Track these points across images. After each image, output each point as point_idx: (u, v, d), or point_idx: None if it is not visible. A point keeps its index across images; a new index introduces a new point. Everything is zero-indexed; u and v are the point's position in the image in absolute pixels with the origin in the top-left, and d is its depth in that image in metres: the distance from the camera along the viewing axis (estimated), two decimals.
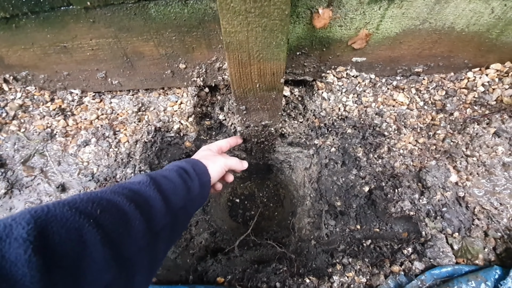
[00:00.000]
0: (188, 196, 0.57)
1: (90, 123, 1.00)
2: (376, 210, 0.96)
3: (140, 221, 0.42)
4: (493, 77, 0.93)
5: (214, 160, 0.73)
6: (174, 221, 0.51)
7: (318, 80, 0.96)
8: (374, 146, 0.96)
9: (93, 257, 0.33)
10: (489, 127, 0.90)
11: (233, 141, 0.94)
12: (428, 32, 0.81)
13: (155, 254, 0.45)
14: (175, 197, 0.52)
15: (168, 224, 0.48)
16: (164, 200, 0.49)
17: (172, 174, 0.57)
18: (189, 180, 0.59)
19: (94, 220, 0.35)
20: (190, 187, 0.58)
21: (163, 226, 0.47)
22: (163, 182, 0.53)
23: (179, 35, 0.79)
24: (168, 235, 0.49)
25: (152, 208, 0.46)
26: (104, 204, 0.39)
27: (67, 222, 0.33)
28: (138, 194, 0.46)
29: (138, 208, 0.43)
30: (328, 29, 0.78)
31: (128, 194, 0.44)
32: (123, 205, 0.42)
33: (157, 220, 0.46)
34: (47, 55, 0.87)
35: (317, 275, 0.84)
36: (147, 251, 0.42)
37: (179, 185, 0.55)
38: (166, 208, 0.48)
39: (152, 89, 1.02)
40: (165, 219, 0.47)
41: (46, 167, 0.97)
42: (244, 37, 0.61)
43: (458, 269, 0.79)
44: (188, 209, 0.57)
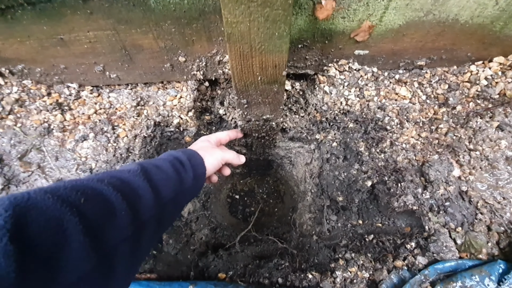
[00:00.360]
0: (180, 188, 0.55)
1: (88, 118, 0.99)
2: (379, 205, 0.95)
3: (125, 211, 0.41)
4: (496, 71, 0.92)
5: (211, 152, 0.72)
6: (162, 213, 0.49)
7: (320, 73, 0.94)
8: (376, 140, 0.95)
9: (73, 246, 0.32)
10: (492, 121, 0.90)
11: (233, 134, 0.93)
12: (432, 24, 0.79)
13: (139, 245, 0.44)
14: (166, 188, 0.51)
15: (156, 216, 0.47)
16: (154, 190, 0.48)
17: (165, 164, 0.56)
18: (183, 171, 0.58)
19: (77, 209, 0.34)
20: (183, 179, 0.57)
21: (150, 217, 0.46)
22: (154, 172, 0.51)
23: (179, 27, 0.77)
24: (155, 227, 0.48)
25: (140, 198, 0.45)
26: (88, 193, 0.38)
27: (47, 210, 0.32)
28: (126, 183, 0.45)
29: (125, 198, 0.41)
30: (331, 21, 0.77)
31: (116, 183, 0.43)
32: (109, 194, 0.40)
33: (144, 211, 0.44)
34: (43, 48, 0.86)
35: (319, 271, 0.84)
36: (131, 241, 0.41)
37: (171, 176, 0.54)
38: (155, 199, 0.47)
39: (151, 83, 1.00)
40: (152, 210, 0.46)
41: (43, 163, 0.96)
42: (246, 27, 0.60)
43: (461, 264, 0.78)
44: (179, 201, 0.56)
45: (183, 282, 0.83)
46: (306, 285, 0.81)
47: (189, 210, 1.21)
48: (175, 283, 0.83)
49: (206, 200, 1.40)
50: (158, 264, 0.91)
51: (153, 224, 0.47)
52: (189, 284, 0.82)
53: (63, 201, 0.34)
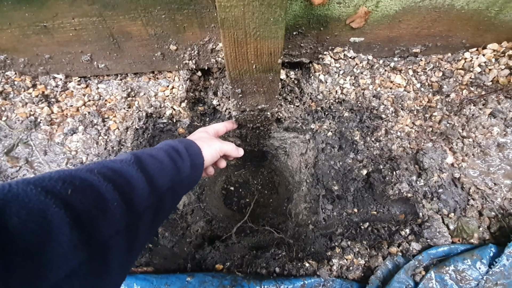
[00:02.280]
0: (178, 177, 0.54)
1: (77, 110, 0.95)
2: (374, 193, 0.96)
3: (118, 202, 0.39)
4: (490, 58, 0.92)
5: (209, 143, 0.70)
6: (159, 203, 0.48)
7: (315, 62, 0.93)
8: (372, 129, 0.95)
9: (59, 241, 0.30)
10: (485, 108, 0.91)
11: (229, 125, 0.91)
12: (428, 10, 0.78)
13: (135, 237, 0.42)
14: (162, 177, 0.49)
15: (152, 206, 0.46)
16: (148, 180, 0.46)
17: (161, 153, 0.54)
18: (180, 160, 0.56)
19: (63, 201, 0.32)
20: (180, 168, 0.55)
21: (146, 207, 0.44)
22: (149, 161, 0.50)
23: (169, 12, 0.74)
24: (152, 217, 0.46)
25: (134, 188, 0.43)
26: (76, 184, 0.36)
27: (29, 203, 0.30)
28: (118, 173, 0.43)
29: (117, 188, 0.40)
30: (326, 7, 0.75)
31: (107, 173, 0.41)
32: (99, 185, 0.38)
33: (139, 202, 0.43)
34: (26, 36, 0.81)
35: (316, 259, 0.84)
36: (126, 234, 0.39)
37: (167, 165, 0.52)
38: (150, 189, 0.45)
39: (141, 73, 0.97)
40: (148, 200, 0.45)
41: (31, 157, 0.92)
42: (240, 12, 0.57)
43: (454, 248, 0.80)
44: (177, 190, 0.54)
45: (181, 275, 0.82)
46: (303, 273, 0.81)
47: (184, 203, 1.20)
48: (172, 276, 0.82)
49: (201, 192, 1.39)
50: (154, 257, 0.90)
51: (150, 215, 0.45)
52: (187, 276, 0.81)
53: (47, 192, 0.32)
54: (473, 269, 0.74)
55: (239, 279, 0.80)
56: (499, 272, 0.72)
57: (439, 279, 0.74)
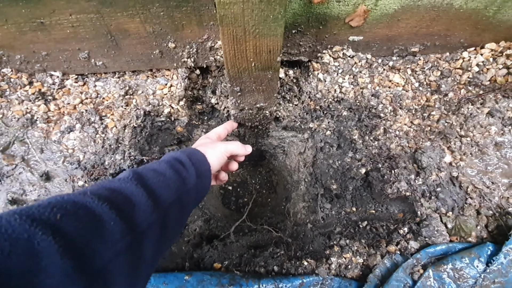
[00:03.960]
0: (183, 188, 0.52)
1: (74, 108, 0.94)
2: (372, 192, 0.96)
3: (116, 222, 0.37)
4: (488, 57, 0.93)
5: (212, 146, 0.67)
6: (166, 217, 0.46)
7: (314, 60, 0.93)
8: (370, 128, 0.95)
9: (49, 271, 0.28)
10: (483, 107, 0.91)
11: (229, 126, 0.89)
12: (427, 9, 0.79)
13: (139, 257, 0.40)
14: (166, 190, 0.48)
15: (157, 221, 0.44)
16: (150, 195, 0.44)
17: (163, 166, 0.52)
18: (184, 170, 0.54)
19: (52, 227, 0.30)
20: (185, 178, 0.53)
21: (150, 224, 0.42)
22: (150, 175, 0.48)
23: (168, 10, 0.73)
24: (159, 234, 0.44)
25: (134, 205, 0.41)
26: (67, 208, 0.34)
27: (12, 234, 0.28)
28: (117, 192, 0.41)
29: (114, 207, 0.38)
30: (326, 5, 0.75)
31: (103, 193, 0.39)
32: (94, 205, 0.36)
33: (141, 219, 0.41)
34: (22, 33, 0.80)
35: (314, 258, 0.84)
36: (128, 254, 0.37)
37: (170, 177, 0.50)
38: (154, 204, 0.44)
39: (139, 71, 0.96)
40: (152, 216, 0.43)
41: (27, 155, 0.91)
42: (239, 9, 0.57)
43: (452, 247, 0.80)
44: (184, 202, 0.52)
45: (179, 273, 0.82)
46: (302, 272, 0.81)
47: None
48: (170, 275, 0.82)
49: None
50: None
51: (156, 231, 0.43)
52: (185, 275, 0.81)
53: (33, 220, 0.30)
54: (471, 267, 0.75)
55: (238, 278, 0.79)
56: (496, 270, 0.72)
57: (437, 278, 0.74)
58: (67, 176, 0.90)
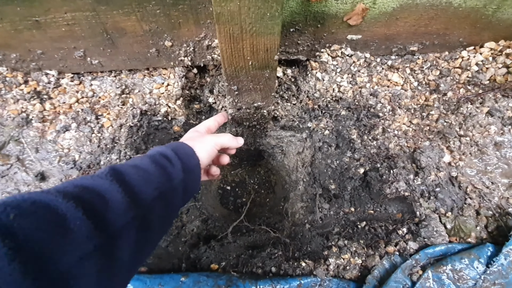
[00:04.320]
0: (168, 185, 0.49)
1: (70, 107, 0.93)
2: (371, 192, 0.95)
3: (82, 221, 0.34)
4: (487, 56, 0.92)
5: (201, 140, 0.64)
6: (146, 216, 0.43)
7: (312, 59, 0.92)
8: (369, 127, 0.95)
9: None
10: (482, 107, 0.90)
11: (220, 118, 0.83)
12: (425, 8, 0.78)
13: (113, 260, 0.37)
14: (147, 187, 0.45)
15: (135, 221, 0.41)
16: (127, 191, 0.41)
17: (145, 161, 0.50)
18: (169, 165, 0.52)
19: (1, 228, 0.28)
20: (171, 174, 0.51)
21: (126, 223, 0.39)
22: (129, 171, 0.45)
23: (164, 8, 0.73)
24: (138, 234, 0.41)
25: (107, 203, 0.38)
26: (24, 207, 0.31)
27: None
28: (88, 189, 0.39)
29: (82, 205, 0.35)
30: (324, 3, 0.74)
31: (71, 191, 0.37)
32: (57, 204, 0.33)
33: (115, 217, 0.38)
34: (18, 32, 0.79)
35: (313, 258, 0.83)
36: (97, 258, 0.34)
37: (152, 173, 0.48)
38: (131, 201, 0.41)
39: (136, 70, 0.96)
40: (128, 214, 0.40)
41: (22, 155, 0.90)
42: (236, 7, 0.56)
43: (451, 248, 0.80)
44: (170, 199, 0.49)
45: (175, 275, 0.81)
46: (300, 273, 0.80)
47: None
48: (166, 276, 0.81)
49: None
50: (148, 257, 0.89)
51: (133, 231, 0.40)
52: (181, 276, 0.80)
53: None
54: (470, 268, 0.74)
55: (235, 279, 0.78)
56: (497, 271, 0.72)
57: (436, 279, 0.73)
58: (63, 176, 0.89)
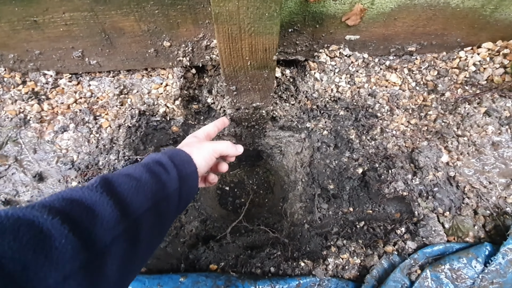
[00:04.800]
0: (162, 194, 0.48)
1: (68, 108, 0.93)
2: (369, 192, 0.95)
3: (68, 239, 0.32)
4: (485, 56, 0.93)
5: (199, 146, 0.62)
6: (136, 228, 0.41)
7: (311, 60, 0.92)
8: (367, 127, 0.95)
9: None
10: (480, 107, 0.91)
11: (220, 124, 0.81)
12: (423, 8, 0.78)
13: (100, 277, 0.35)
14: (139, 197, 0.43)
15: (125, 234, 0.39)
16: (118, 203, 0.40)
17: (138, 169, 0.48)
18: (164, 173, 0.50)
19: None
20: (165, 182, 0.49)
21: (115, 237, 0.37)
22: (121, 181, 0.44)
23: (162, 8, 0.73)
24: (127, 248, 0.39)
25: (96, 217, 0.37)
26: (6, 225, 0.29)
27: None
28: (76, 202, 0.37)
29: (68, 221, 0.33)
30: (322, 4, 0.75)
31: (57, 206, 0.35)
32: (42, 221, 0.32)
33: (103, 232, 0.36)
34: (15, 32, 0.79)
35: (311, 258, 0.83)
36: (83, 276, 0.32)
37: (146, 182, 0.46)
38: (121, 214, 0.39)
39: (134, 70, 0.95)
40: (117, 228, 0.38)
41: (20, 156, 0.90)
42: (234, 7, 0.56)
43: (449, 247, 0.80)
44: (163, 209, 0.47)
45: (173, 275, 0.81)
46: (299, 273, 0.80)
47: None
48: (165, 276, 0.81)
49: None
50: None
51: (122, 246, 0.38)
52: (180, 276, 0.80)
53: None
54: (468, 267, 0.74)
55: (233, 279, 0.78)
56: (494, 270, 0.72)
57: (434, 278, 0.74)
58: (61, 176, 0.89)
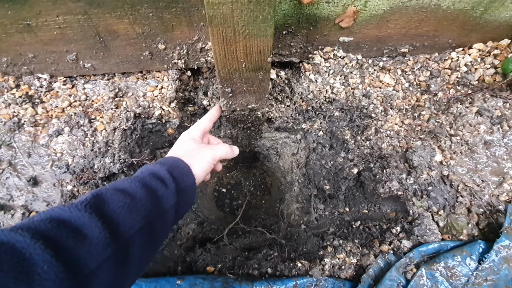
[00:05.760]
0: (157, 211, 0.45)
1: (62, 111, 0.93)
2: (365, 192, 0.96)
3: (51, 265, 0.30)
4: (475, 57, 0.94)
5: (199, 156, 0.61)
6: (126, 250, 0.39)
7: (305, 61, 0.93)
8: (362, 128, 0.96)
9: None
10: (472, 106, 0.92)
11: (214, 115, 0.78)
12: (415, 10, 0.80)
13: None
14: (131, 216, 0.41)
15: (113, 257, 0.37)
16: (107, 224, 0.38)
17: (134, 185, 0.46)
18: (161, 188, 0.48)
19: None
20: (162, 198, 0.47)
21: (103, 261, 0.35)
22: (114, 198, 0.41)
23: (157, 11, 0.73)
24: (114, 272, 0.37)
25: (84, 240, 0.35)
26: None
27: None
28: (63, 224, 0.35)
29: (51, 246, 0.32)
30: (316, 6, 0.75)
31: (42, 228, 0.33)
32: (25, 246, 0.30)
33: (90, 257, 0.34)
34: (8, 35, 0.79)
35: (308, 259, 0.84)
36: None
37: (140, 199, 0.44)
38: (110, 236, 0.37)
39: (129, 73, 0.95)
40: (106, 251, 0.36)
41: (14, 160, 0.89)
42: (228, 9, 0.57)
43: (444, 245, 0.81)
44: (157, 228, 0.45)
45: (170, 278, 0.80)
46: (296, 273, 0.81)
47: None
48: (162, 279, 0.80)
49: None
50: None
51: (110, 270, 0.37)
52: (177, 279, 0.80)
53: None
54: (463, 265, 0.75)
55: (231, 280, 0.78)
56: (488, 267, 0.73)
57: (430, 276, 0.74)
58: (56, 180, 0.88)
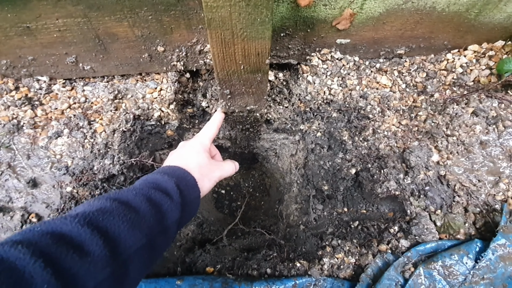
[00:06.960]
0: (160, 227, 0.44)
1: (62, 113, 0.93)
2: (363, 192, 0.97)
3: (50, 283, 0.30)
4: (471, 58, 0.96)
5: (210, 176, 0.63)
6: (125, 270, 0.38)
7: (303, 63, 0.94)
8: (359, 129, 0.97)
9: None
10: (468, 107, 0.93)
11: (220, 120, 0.82)
12: (411, 12, 0.81)
13: None
14: (133, 234, 0.40)
15: (111, 277, 0.36)
16: (108, 242, 0.37)
17: (138, 199, 0.44)
18: (167, 201, 0.46)
19: None
20: (166, 212, 0.46)
21: (100, 282, 0.35)
22: (116, 213, 0.40)
23: (156, 14, 0.73)
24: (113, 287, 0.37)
25: (83, 258, 0.34)
26: None
27: None
28: (64, 240, 0.34)
29: (50, 264, 0.31)
30: (313, 8, 0.76)
31: (42, 244, 0.32)
32: (24, 264, 0.29)
33: (89, 275, 0.34)
34: (8, 38, 0.79)
35: (307, 259, 0.84)
36: None
37: (144, 215, 0.43)
38: (110, 255, 0.36)
39: (128, 75, 0.96)
40: (104, 271, 0.35)
41: (14, 162, 0.89)
42: (227, 12, 0.58)
43: (441, 244, 0.82)
44: (158, 244, 0.44)
45: (170, 279, 0.81)
46: (295, 273, 0.81)
47: None
48: (161, 280, 0.80)
49: None
50: None
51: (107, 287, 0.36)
52: (176, 279, 0.80)
53: None
54: (460, 264, 0.76)
55: (230, 281, 0.79)
56: (485, 266, 0.74)
57: (427, 275, 0.75)
58: (55, 182, 0.88)
